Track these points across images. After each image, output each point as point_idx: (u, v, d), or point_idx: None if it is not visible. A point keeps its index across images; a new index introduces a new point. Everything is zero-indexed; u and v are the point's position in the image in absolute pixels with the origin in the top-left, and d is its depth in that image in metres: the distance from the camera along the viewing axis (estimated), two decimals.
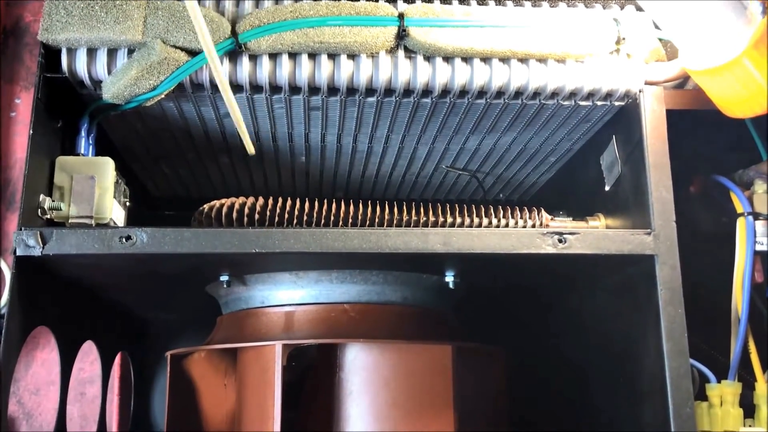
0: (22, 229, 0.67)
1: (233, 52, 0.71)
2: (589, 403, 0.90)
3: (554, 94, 0.77)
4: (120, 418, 1.13)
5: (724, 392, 0.77)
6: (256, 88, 0.74)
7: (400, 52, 0.73)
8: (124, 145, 0.87)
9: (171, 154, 0.91)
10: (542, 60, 0.75)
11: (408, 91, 0.75)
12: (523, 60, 0.74)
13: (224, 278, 0.81)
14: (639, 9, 0.77)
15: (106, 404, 1.00)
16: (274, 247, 0.69)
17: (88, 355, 1.11)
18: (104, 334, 0.98)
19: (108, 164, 0.73)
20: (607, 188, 0.84)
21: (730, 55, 0.67)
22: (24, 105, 1.19)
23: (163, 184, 1.02)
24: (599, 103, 0.78)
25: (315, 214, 0.81)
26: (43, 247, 0.67)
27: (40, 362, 1.14)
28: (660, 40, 0.79)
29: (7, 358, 0.66)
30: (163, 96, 0.72)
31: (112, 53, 0.71)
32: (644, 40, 0.77)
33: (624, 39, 0.75)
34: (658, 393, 0.71)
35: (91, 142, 0.76)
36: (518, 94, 0.76)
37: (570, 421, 0.95)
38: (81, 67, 0.71)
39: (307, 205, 0.82)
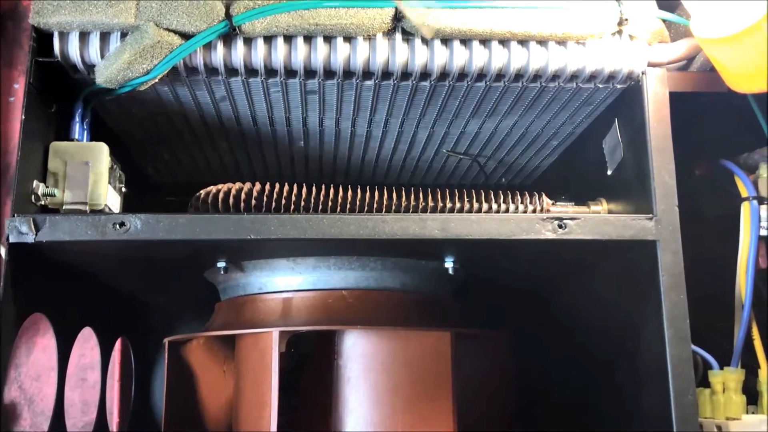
0: (15, 215, 0.66)
1: (227, 35, 0.70)
2: (589, 389, 0.89)
3: (555, 77, 0.75)
4: (120, 404, 1.13)
5: (727, 379, 0.76)
6: (251, 71, 0.73)
7: (398, 35, 0.72)
8: (120, 130, 0.86)
9: (168, 140, 0.90)
10: (542, 42, 0.73)
11: (406, 74, 0.74)
12: (523, 42, 0.73)
13: (221, 264, 0.81)
14: None
15: (106, 390, 0.99)
16: (269, 233, 0.69)
17: (89, 341, 1.10)
18: (103, 321, 0.98)
19: (102, 149, 0.73)
20: (609, 172, 0.83)
21: (749, 21, 0.65)
22: (22, 90, 1.18)
23: (163, 170, 1.01)
24: (601, 85, 0.77)
25: (312, 200, 0.80)
26: (36, 234, 0.66)
27: (41, 348, 1.14)
28: (663, 21, 0.77)
29: (2, 345, 0.66)
30: (157, 80, 0.71)
31: (104, 37, 0.70)
32: (647, 21, 0.75)
33: (626, 20, 0.74)
34: (659, 379, 0.70)
35: (85, 127, 0.75)
36: (518, 76, 0.75)
37: (571, 407, 0.95)
38: (73, 51, 0.70)
39: (304, 190, 0.81)
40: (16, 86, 1.19)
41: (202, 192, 0.81)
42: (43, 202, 0.70)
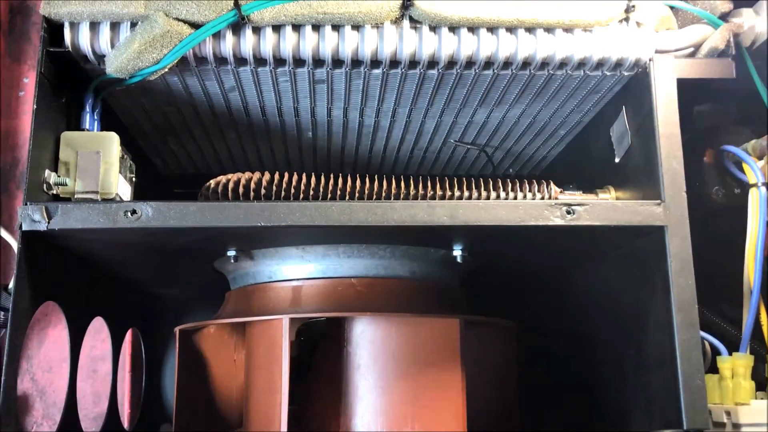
0: (28, 204, 0.67)
1: (236, 25, 0.70)
2: (598, 376, 0.89)
3: (563, 64, 0.76)
4: (131, 395, 1.14)
5: (736, 365, 0.76)
6: (259, 61, 0.73)
7: (406, 23, 0.72)
8: (130, 120, 0.87)
9: (178, 130, 0.91)
10: (550, 29, 0.73)
11: (414, 63, 0.74)
12: (531, 29, 0.73)
13: (231, 253, 0.81)
14: None
15: (117, 381, 1.00)
16: (279, 220, 0.69)
17: (100, 333, 1.11)
18: (114, 311, 0.98)
19: (113, 139, 0.73)
20: (617, 160, 0.83)
21: None
22: (32, 84, 1.18)
23: (172, 161, 1.02)
24: (609, 73, 0.77)
25: (321, 189, 0.80)
26: (48, 222, 0.67)
27: (53, 340, 1.15)
28: (671, 8, 0.77)
29: (15, 333, 0.67)
30: (166, 70, 0.72)
31: (114, 27, 0.71)
32: (654, 7, 0.75)
33: (633, 7, 0.74)
34: (668, 365, 0.70)
35: (96, 117, 0.76)
36: (526, 64, 0.75)
37: (578, 393, 0.95)
38: (84, 41, 0.70)
39: (313, 179, 0.81)
40: (25, 80, 1.20)
41: (212, 182, 0.81)
42: (54, 191, 0.70)
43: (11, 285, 1.05)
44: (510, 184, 0.85)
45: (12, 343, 0.66)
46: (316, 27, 0.71)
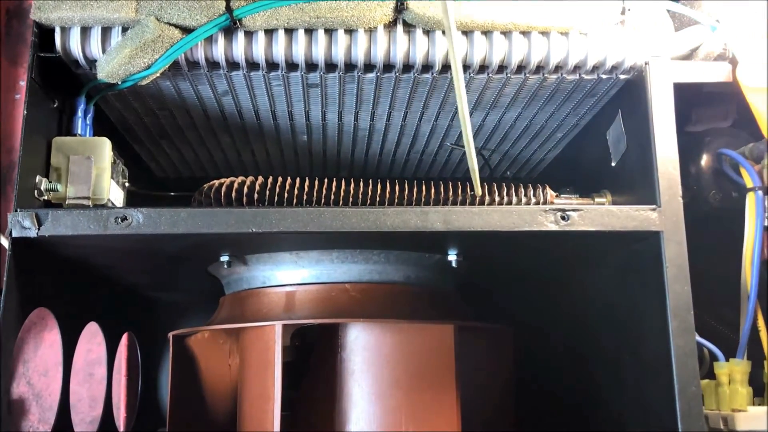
0: (18, 210, 0.67)
1: (228, 29, 0.70)
2: (593, 381, 0.89)
3: (558, 68, 0.75)
4: (127, 399, 1.14)
5: (733, 371, 0.75)
6: (252, 65, 0.72)
7: (399, 26, 0.71)
8: (123, 125, 0.86)
9: (171, 134, 0.90)
10: (545, 32, 0.73)
11: (407, 67, 0.73)
12: (526, 33, 0.73)
13: (225, 258, 0.81)
14: None
15: (113, 385, 1.00)
16: (271, 226, 0.69)
17: (96, 336, 1.11)
18: (108, 315, 0.98)
19: (104, 144, 0.73)
20: (613, 164, 0.82)
21: None
22: None
23: (167, 165, 1.02)
24: (604, 76, 0.76)
25: (315, 193, 0.80)
26: (38, 229, 0.67)
27: (49, 344, 1.14)
28: (667, 11, 0.77)
29: (5, 338, 0.66)
30: (158, 74, 0.71)
31: (105, 32, 0.70)
32: (651, 11, 0.75)
33: (629, 10, 0.73)
34: (663, 371, 0.69)
35: (88, 122, 0.75)
36: (520, 68, 0.75)
37: (575, 399, 0.95)
38: (75, 46, 0.70)
39: (306, 183, 0.81)
40: (22, 83, 1.20)
41: (205, 186, 0.81)
42: (46, 197, 0.70)
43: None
44: (505, 188, 0.84)
45: (3, 349, 0.66)
46: (309, 31, 0.71)
